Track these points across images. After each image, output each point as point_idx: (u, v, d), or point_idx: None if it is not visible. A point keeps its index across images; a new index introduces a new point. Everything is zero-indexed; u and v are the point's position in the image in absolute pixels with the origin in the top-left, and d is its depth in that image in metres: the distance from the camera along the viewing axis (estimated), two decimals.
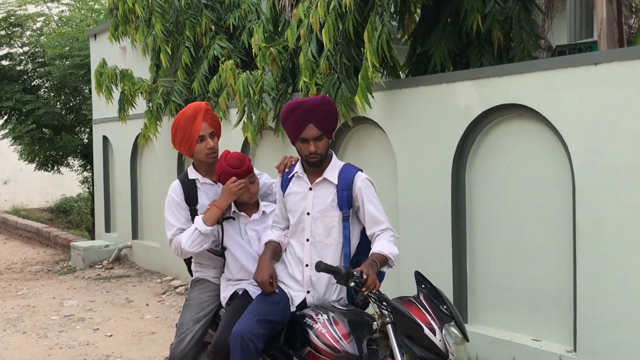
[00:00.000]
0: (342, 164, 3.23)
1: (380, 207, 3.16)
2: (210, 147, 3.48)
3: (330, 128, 3.19)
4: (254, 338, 2.99)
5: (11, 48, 12.42)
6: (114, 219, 10.00)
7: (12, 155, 14.50)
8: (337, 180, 3.14)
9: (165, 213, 3.51)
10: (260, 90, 6.02)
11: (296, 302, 3.21)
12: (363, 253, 3.19)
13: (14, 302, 7.39)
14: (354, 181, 3.12)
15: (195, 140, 3.47)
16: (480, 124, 4.63)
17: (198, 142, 3.47)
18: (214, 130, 3.54)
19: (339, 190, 3.12)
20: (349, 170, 3.19)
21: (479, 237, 4.73)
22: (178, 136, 3.53)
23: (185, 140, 3.50)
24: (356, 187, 3.12)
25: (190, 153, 3.54)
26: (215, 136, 3.56)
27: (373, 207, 3.12)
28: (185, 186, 3.52)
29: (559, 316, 4.27)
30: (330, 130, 3.19)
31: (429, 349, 2.67)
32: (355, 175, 3.15)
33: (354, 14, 4.96)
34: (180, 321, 3.47)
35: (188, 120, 3.48)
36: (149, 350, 5.63)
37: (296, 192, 3.23)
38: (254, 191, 3.41)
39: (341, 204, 3.12)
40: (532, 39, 5.05)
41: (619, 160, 3.84)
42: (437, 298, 2.80)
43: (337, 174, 3.16)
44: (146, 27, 7.62)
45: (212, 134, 3.52)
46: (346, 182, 3.12)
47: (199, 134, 3.46)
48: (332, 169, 3.19)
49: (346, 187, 3.11)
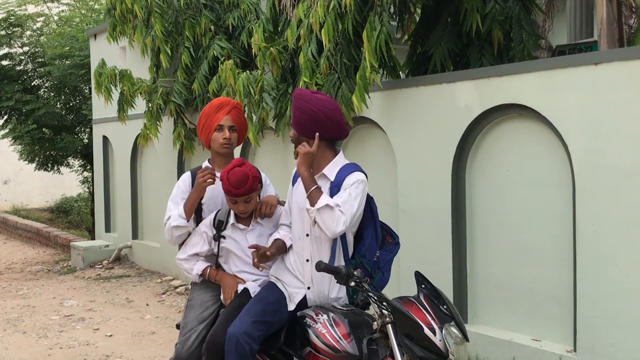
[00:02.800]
0: (345, 163, 3.22)
1: (348, 199, 3.01)
2: (225, 138, 3.56)
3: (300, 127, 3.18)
4: (250, 340, 3.01)
5: (11, 48, 12.41)
6: (114, 219, 10.00)
7: (12, 155, 14.50)
8: (334, 177, 3.15)
9: (169, 200, 3.61)
10: (260, 90, 6.02)
11: (296, 299, 3.21)
12: (368, 255, 3.17)
13: (14, 302, 7.39)
14: (345, 178, 3.12)
15: (213, 129, 3.57)
16: (480, 124, 4.63)
17: (216, 130, 3.57)
18: (235, 125, 3.62)
19: (332, 187, 3.13)
20: (347, 168, 3.18)
21: (479, 237, 4.73)
22: (201, 122, 3.64)
23: (206, 127, 3.61)
24: (344, 182, 3.11)
25: (207, 141, 3.64)
26: (236, 131, 3.63)
27: (345, 194, 3.04)
28: (196, 178, 3.57)
29: (559, 316, 4.27)
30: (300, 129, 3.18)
31: (429, 349, 2.67)
32: (350, 174, 3.13)
33: (353, 14, 4.96)
34: (184, 321, 3.48)
35: (213, 109, 3.60)
36: (149, 350, 5.63)
37: (302, 186, 3.24)
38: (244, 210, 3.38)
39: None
40: (532, 39, 5.05)
41: (619, 160, 3.85)
42: (437, 298, 2.80)
43: (336, 172, 3.17)
44: (145, 28, 7.61)
45: (232, 127, 3.60)
46: (339, 180, 3.13)
47: (219, 122, 3.56)
48: (333, 166, 3.19)
49: (338, 184, 3.12)
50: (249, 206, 3.38)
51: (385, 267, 3.21)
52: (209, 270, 3.51)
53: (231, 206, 3.39)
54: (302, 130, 3.17)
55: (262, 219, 3.48)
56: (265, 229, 3.47)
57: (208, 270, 3.51)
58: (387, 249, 3.24)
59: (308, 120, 3.13)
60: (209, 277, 3.51)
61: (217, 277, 3.48)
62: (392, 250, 3.24)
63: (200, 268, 3.51)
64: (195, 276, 3.53)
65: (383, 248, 3.23)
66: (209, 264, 3.53)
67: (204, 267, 3.52)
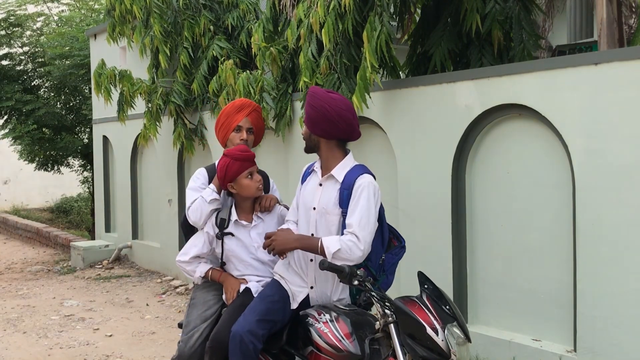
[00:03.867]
0: (353, 164, 3.22)
1: (365, 213, 3.02)
2: (242, 139, 3.62)
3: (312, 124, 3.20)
4: (253, 339, 3.02)
5: (11, 48, 12.41)
6: (114, 219, 10.01)
7: (12, 155, 14.49)
8: (343, 179, 3.15)
9: (187, 189, 3.61)
10: (260, 90, 6.02)
11: (299, 298, 3.22)
12: (373, 257, 3.15)
13: (14, 302, 7.40)
14: (355, 181, 3.12)
15: (232, 129, 3.63)
16: (480, 124, 4.63)
17: (234, 130, 3.63)
18: (253, 128, 3.69)
19: (341, 189, 3.12)
20: (356, 170, 3.17)
21: (479, 237, 4.73)
22: (220, 121, 3.69)
23: (224, 127, 3.66)
24: (356, 186, 3.10)
25: (224, 140, 3.68)
26: (253, 134, 3.69)
27: (358, 206, 3.04)
28: (211, 174, 3.63)
29: (559, 316, 4.27)
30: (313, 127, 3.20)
31: (432, 349, 2.68)
32: (359, 176, 3.12)
33: (353, 14, 4.96)
34: (187, 319, 3.49)
35: (234, 109, 3.67)
36: (149, 350, 5.63)
37: (310, 186, 3.28)
38: (260, 182, 3.43)
39: (341, 202, 3.12)
40: (532, 39, 5.05)
41: (619, 160, 3.85)
42: (440, 298, 2.81)
43: (344, 173, 3.16)
44: (144, 28, 7.61)
45: (250, 129, 3.67)
46: (349, 182, 3.11)
47: (238, 123, 3.63)
48: (342, 167, 3.18)
49: (348, 187, 3.10)
50: (260, 179, 3.45)
51: (390, 270, 3.21)
52: (211, 272, 3.52)
53: (249, 184, 3.39)
54: (314, 127, 3.19)
55: (263, 214, 3.50)
56: (268, 225, 3.48)
57: (210, 272, 3.52)
58: (393, 252, 3.23)
59: (321, 119, 3.14)
60: (212, 279, 3.51)
61: (220, 278, 3.49)
62: (397, 254, 3.24)
63: (202, 270, 3.52)
64: (198, 278, 3.54)
65: (389, 251, 3.23)
66: (211, 266, 3.54)
67: (206, 269, 3.52)
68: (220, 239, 3.45)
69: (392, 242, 3.27)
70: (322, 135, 3.18)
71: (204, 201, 3.44)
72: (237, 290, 3.40)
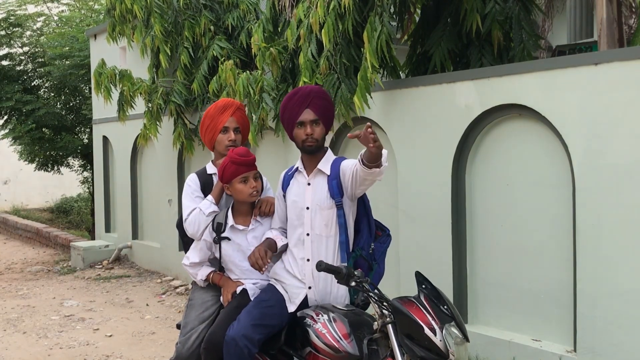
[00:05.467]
0: (335, 158, 3.30)
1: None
2: (231, 140, 3.58)
3: (326, 115, 3.26)
4: (249, 343, 3.03)
5: (11, 48, 12.41)
6: (114, 219, 10.00)
7: (12, 155, 14.49)
8: (330, 171, 3.21)
9: (183, 199, 3.59)
10: (260, 90, 6.02)
11: (298, 299, 3.22)
12: (366, 247, 3.22)
13: (14, 302, 7.40)
14: (341, 165, 3.19)
15: (219, 130, 3.58)
16: (480, 124, 4.63)
17: (221, 132, 3.58)
18: (240, 127, 3.65)
19: (330, 181, 3.19)
20: (338, 161, 3.26)
21: (479, 237, 4.73)
22: (205, 123, 3.64)
23: (210, 129, 3.61)
24: (342, 165, 3.18)
25: (212, 143, 3.64)
26: (240, 133, 3.66)
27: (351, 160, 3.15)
28: (202, 179, 3.61)
29: (559, 316, 4.27)
30: (326, 118, 3.26)
31: (430, 349, 2.67)
32: (343, 160, 3.23)
33: (353, 14, 4.96)
34: (185, 320, 3.49)
35: (218, 110, 3.61)
36: (149, 350, 5.63)
37: (296, 188, 3.30)
38: (256, 187, 3.40)
39: (333, 193, 3.18)
40: (532, 39, 5.05)
41: (619, 160, 3.85)
42: (438, 298, 2.80)
43: (329, 166, 3.23)
44: (144, 28, 7.61)
45: (237, 129, 3.63)
46: (335, 171, 3.20)
47: (224, 124, 3.58)
48: (325, 161, 3.26)
49: (335, 176, 3.19)
50: (258, 185, 3.41)
51: (381, 258, 3.29)
52: (212, 275, 3.52)
53: (242, 189, 3.35)
54: (327, 120, 3.26)
55: (262, 218, 3.48)
56: (265, 229, 3.47)
57: (211, 275, 3.52)
58: (381, 241, 3.32)
59: (332, 111, 3.31)
60: (213, 281, 3.52)
61: (220, 281, 3.49)
62: (385, 242, 3.33)
63: (204, 273, 3.53)
64: (200, 281, 3.55)
65: (377, 240, 3.31)
66: (213, 269, 3.54)
67: (208, 272, 3.54)
68: (217, 243, 3.44)
69: (376, 233, 3.34)
70: (327, 126, 3.28)
71: (202, 214, 3.42)
72: (233, 292, 3.39)
